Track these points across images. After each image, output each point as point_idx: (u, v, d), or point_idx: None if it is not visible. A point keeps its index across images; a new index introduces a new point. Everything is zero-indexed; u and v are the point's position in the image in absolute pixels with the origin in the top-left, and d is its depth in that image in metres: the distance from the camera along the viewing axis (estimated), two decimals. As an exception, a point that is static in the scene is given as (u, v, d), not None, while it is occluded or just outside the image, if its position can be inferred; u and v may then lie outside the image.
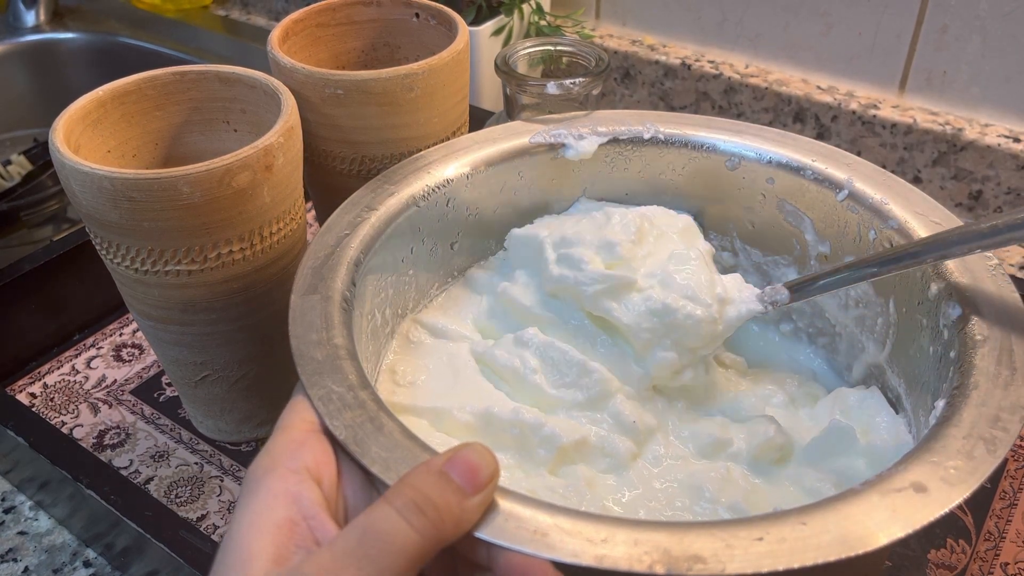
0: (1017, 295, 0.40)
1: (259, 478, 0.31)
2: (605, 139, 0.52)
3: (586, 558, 0.29)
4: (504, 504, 0.31)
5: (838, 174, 0.48)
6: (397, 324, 0.49)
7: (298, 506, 0.30)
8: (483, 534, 0.30)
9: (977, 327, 0.38)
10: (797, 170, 0.49)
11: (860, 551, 0.29)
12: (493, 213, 0.52)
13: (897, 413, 0.44)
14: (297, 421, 0.34)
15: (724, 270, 0.53)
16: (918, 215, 0.45)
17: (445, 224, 0.50)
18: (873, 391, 0.45)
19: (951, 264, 0.42)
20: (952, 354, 0.38)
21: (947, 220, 0.44)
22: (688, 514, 0.41)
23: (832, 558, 0.29)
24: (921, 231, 0.44)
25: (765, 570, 0.29)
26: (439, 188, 0.48)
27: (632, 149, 0.52)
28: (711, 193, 0.52)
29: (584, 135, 0.51)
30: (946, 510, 0.31)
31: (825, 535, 0.30)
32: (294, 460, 0.32)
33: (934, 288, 0.42)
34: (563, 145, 0.51)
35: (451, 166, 0.49)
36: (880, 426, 0.43)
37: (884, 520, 0.30)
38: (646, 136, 0.52)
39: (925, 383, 0.41)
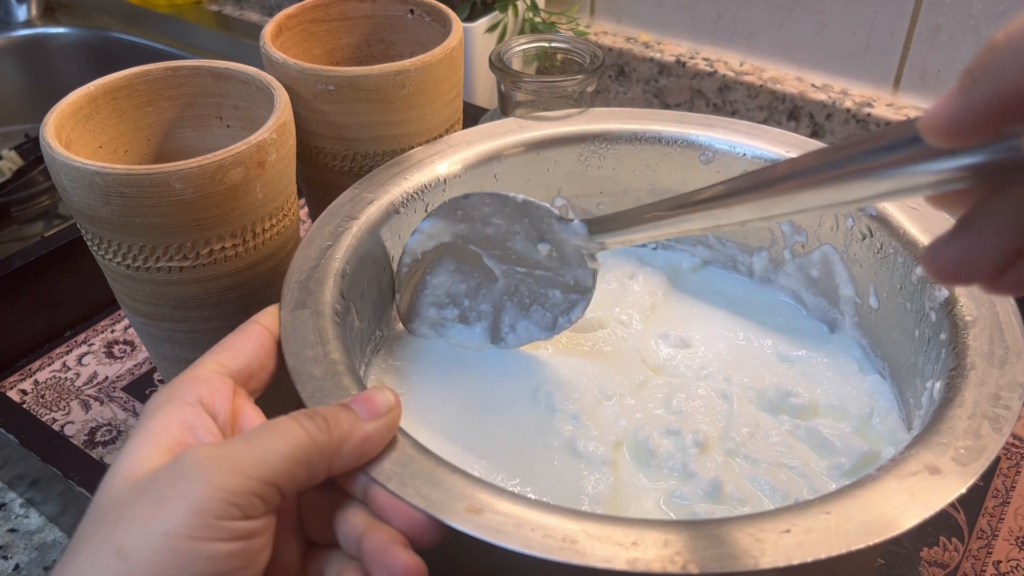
0: None
1: (156, 407, 0.33)
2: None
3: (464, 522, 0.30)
4: (404, 448, 0.32)
5: None
6: (383, 335, 0.48)
7: (192, 434, 0.32)
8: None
9: (966, 308, 0.39)
10: (771, 162, 0.49)
11: (887, 536, 0.30)
12: None
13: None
14: (209, 362, 0.35)
15: (700, 264, 0.55)
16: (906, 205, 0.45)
17: None
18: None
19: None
20: (943, 336, 0.39)
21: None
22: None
23: (861, 545, 0.29)
24: (908, 225, 0.44)
25: (796, 562, 0.29)
26: (417, 194, 0.47)
27: (606, 147, 0.52)
28: (686, 188, 0.52)
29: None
30: (963, 490, 0.31)
31: (849, 523, 0.30)
32: (191, 394, 0.33)
33: (919, 271, 0.42)
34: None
35: (426, 171, 0.48)
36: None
37: (904, 504, 0.31)
38: (620, 134, 0.52)
39: (912, 365, 0.42)
